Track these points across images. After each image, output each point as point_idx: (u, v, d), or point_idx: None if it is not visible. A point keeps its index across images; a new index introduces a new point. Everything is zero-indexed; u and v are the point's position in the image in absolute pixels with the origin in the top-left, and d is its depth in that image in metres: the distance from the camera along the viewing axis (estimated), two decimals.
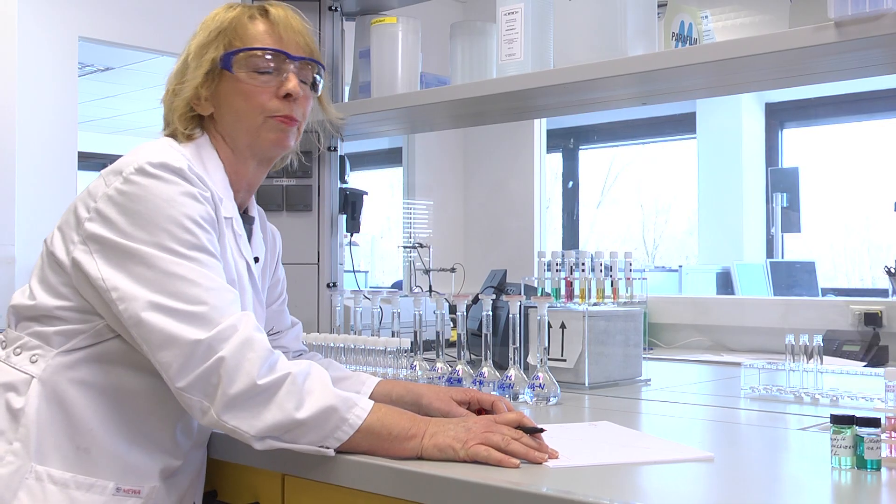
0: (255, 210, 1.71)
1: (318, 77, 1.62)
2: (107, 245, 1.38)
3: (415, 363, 2.00)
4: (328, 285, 2.46)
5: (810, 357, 1.90)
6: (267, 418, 1.31)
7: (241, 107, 1.55)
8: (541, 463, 1.31)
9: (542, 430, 1.38)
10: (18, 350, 1.45)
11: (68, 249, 1.43)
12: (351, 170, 2.73)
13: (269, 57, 1.55)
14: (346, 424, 1.33)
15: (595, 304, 2.09)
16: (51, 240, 1.48)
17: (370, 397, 1.65)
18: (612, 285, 2.09)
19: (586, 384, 2.06)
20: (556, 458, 1.33)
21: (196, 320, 1.32)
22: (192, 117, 1.58)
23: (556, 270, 2.11)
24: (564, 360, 2.08)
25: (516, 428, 1.37)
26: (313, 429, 1.32)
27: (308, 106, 1.61)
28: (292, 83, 1.55)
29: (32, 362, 1.43)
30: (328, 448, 1.34)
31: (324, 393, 1.33)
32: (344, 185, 2.60)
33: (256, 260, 1.65)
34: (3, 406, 1.42)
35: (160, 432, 1.48)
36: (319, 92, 1.64)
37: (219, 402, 1.31)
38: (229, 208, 1.54)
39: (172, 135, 1.60)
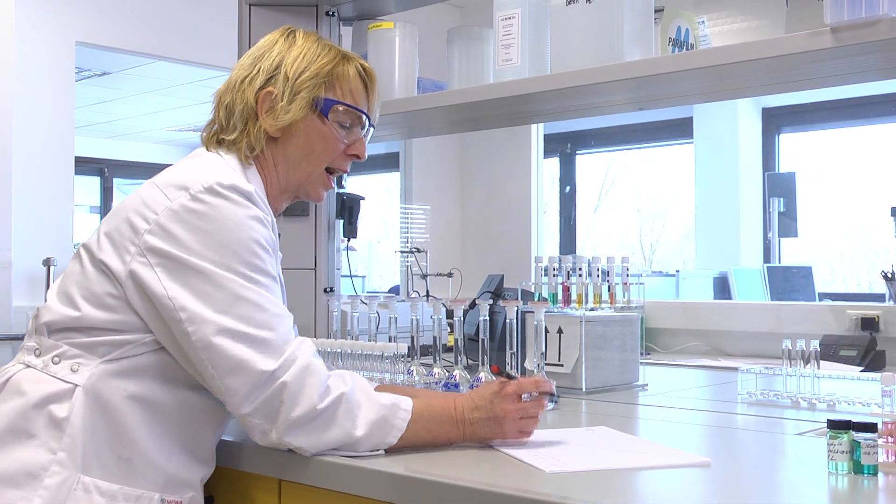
0: None
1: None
2: (171, 260, 1.37)
3: (412, 368, 2.00)
4: (325, 290, 2.46)
5: (807, 362, 1.90)
6: (328, 438, 1.38)
7: (317, 150, 1.59)
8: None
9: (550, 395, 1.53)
10: (56, 359, 1.42)
11: (124, 260, 1.40)
12: (348, 174, 2.72)
13: (358, 119, 1.62)
14: (394, 430, 1.41)
15: (592, 309, 2.09)
16: (97, 246, 1.44)
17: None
18: (609, 290, 2.09)
19: (583, 389, 2.06)
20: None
21: (264, 347, 1.35)
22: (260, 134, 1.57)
23: (554, 275, 2.11)
24: (562, 366, 2.08)
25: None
26: (367, 441, 1.39)
27: None
28: (363, 148, 1.65)
29: (74, 371, 1.40)
30: (378, 451, 1.41)
31: (371, 405, 1.40)
32: (341, 190, 2.60)
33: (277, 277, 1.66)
34: (45, 416, 1.38)
35: (200, 442, 1.48)
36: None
37: (281, 424, 1.35)
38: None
39: (218, 143, 1.58)
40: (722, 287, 5.17)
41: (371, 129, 1.67)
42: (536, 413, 1.49)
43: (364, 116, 1.63)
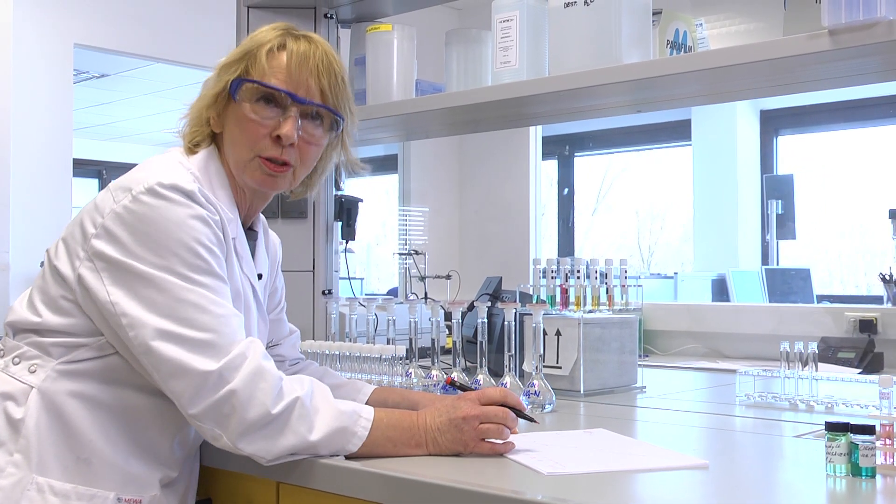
0: (260, 225, 1.70)
1: (336, 121, 1.57)
2: (114, 265, 1.37)
3: (410, 370, 2.00)
4: (323, 293, 2.46)
5: (805, 364, 1.90)
6: (282, 444, 1.35)
7: (237, 137, 1.53)
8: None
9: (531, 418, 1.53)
10: (17, 360, 1.44)
11: (74, 265, 1.41)
12: (346, 177, 2.72)
13: (272, 95, 1.50)
14: (355, 437, 1.38)
15: (590, 312, 2.09)
16: (54, 252, 1.46)
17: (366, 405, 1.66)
18: (607, 292, 2.09)
19: (581, 391, 2.06)
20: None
21: (206, 349, 1.33)
22: (205, 128, 1.57)
23: (552, 277, 2.11)
24: (560, 368, 2.08)
25: (501, 405, 1.44)
26: (325, 447, 1.37)
27: (312, 151, 1.56)
28: (287, 127, 1.49)
29: (31, 372, 1.42)
30: (339, 456, 1.39)
31: (330, 411, 1.38)
32: (339, 193, 2.60)
33: (260, 277, 1.64)
34: (1, 416, 1.40)
35: (158, 444, 1.48)
36: (335, 135, 1.60)
37: (233, 431, 1.33)
38: (234, 228, 1.53)
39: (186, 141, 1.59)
40: (720, 289, 5.17)
41: (298, 103, 1.51)
42: (501, 421, 1.42)
43: (280, 93, 1.50)
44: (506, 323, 1.86)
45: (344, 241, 2.63)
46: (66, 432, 1.40)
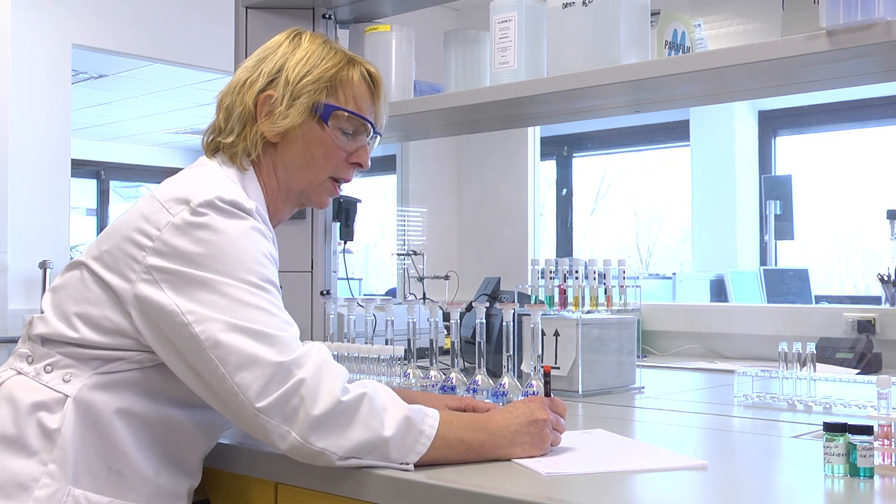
0: None
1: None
2: (176, 276, 1.35)
3: (408, 371, 2.00)
4: (322, 293, 2.46)
5: (803, 365, 1.90)
6: (353, 437, 1.30)
7: (316, 157, 1.56)
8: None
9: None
10: (49, 368, 1.40)
11: (129, 278, 1.38)
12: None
13: (362, 127, 1.59)
14: (423, 436, 1.33)
15: (589, 312, 2.09)
16: (99, 264, 1.41)
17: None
18: (605, 293, 2.09)
19: (580, 392, 2.07)
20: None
21: (275, 343, 1.32)
22: (258, 137, 1.55)
23: (550, 278, 2.11)
24: (558, 368, 2.09)
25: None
26: (396, 445, 1.32)
27: None
28: (366, 156, 1.61)
29: (66, 381, 1.38)
30: (408, 464, 1.33)
31: (396, 406, 1.33)
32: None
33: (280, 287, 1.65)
34: (34, 425, 1.36)
35: (189, 457, 1.48)
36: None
37: (302, 423, 1.29)
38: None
39: (216, 147, 1.56)
40: (719, 290, 5.18)
41: (377, 136, 1.64)
42: (563, 430, 1.47)
43: (367, 124, 1.59)
44: (504, 323, 1.86)
45: (342, 242, 2.63)
46: (101, 442, 1.38)
